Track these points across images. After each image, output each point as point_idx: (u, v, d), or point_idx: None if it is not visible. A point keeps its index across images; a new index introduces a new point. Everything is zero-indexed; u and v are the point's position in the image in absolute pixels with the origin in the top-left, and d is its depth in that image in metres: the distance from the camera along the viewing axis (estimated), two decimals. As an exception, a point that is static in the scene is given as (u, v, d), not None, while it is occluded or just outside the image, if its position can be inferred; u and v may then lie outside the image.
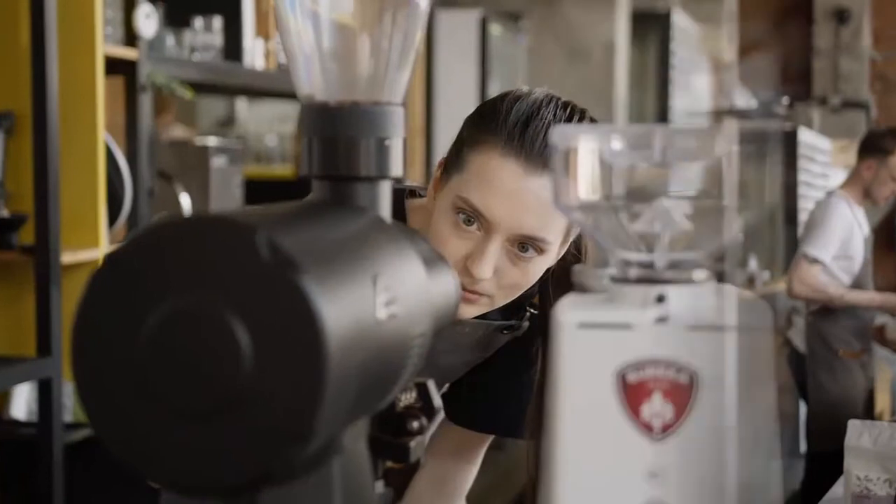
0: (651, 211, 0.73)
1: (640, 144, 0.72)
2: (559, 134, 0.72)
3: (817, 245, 4.11)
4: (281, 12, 0.83)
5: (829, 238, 4.11)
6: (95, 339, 0.64)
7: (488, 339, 1.42)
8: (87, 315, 0.65)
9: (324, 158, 0.81)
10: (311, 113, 0.82)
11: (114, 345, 0.64)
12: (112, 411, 0.64)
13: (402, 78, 0.85)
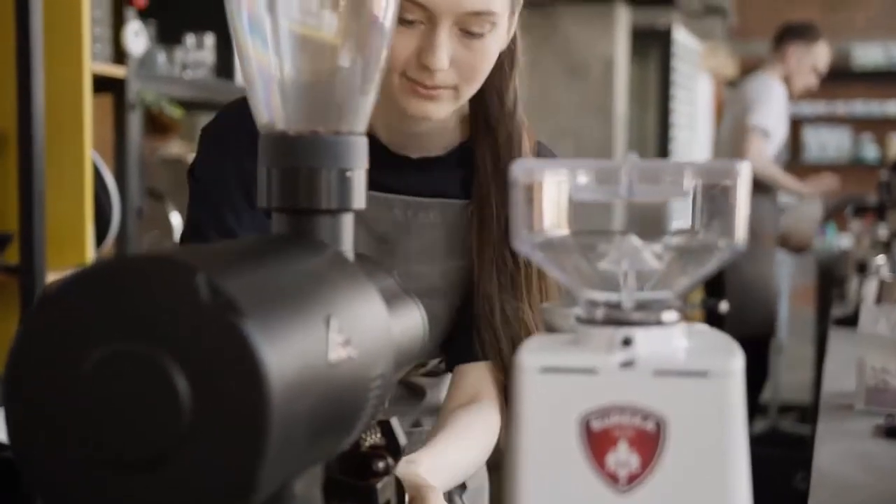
0: (618, 249, 0.70)
1: (606, 179, 0.69)
2: (520, 168, 0.69)
3: (762, 116, 4.13)
4: (239, 37, 0.80)
5: (771, 111, 4.15)
6: (30, 381, 0.61)
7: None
8: (22, 355, 0.61)
9: (283, 190, 0.78)
10: (270, 142, 0.80)
11: (48, 387, 0.61)
12: (43, 455, 0.61)
13: (365, 105, 0.82)
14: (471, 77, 1.22)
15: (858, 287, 3.22)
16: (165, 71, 2.92)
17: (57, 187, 2.46)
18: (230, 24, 0.81)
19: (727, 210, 0.68)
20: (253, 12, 0.79)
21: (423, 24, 1.19)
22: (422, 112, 1.23)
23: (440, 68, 1.19)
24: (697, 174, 0.67)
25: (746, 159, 4.11)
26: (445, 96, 1.23)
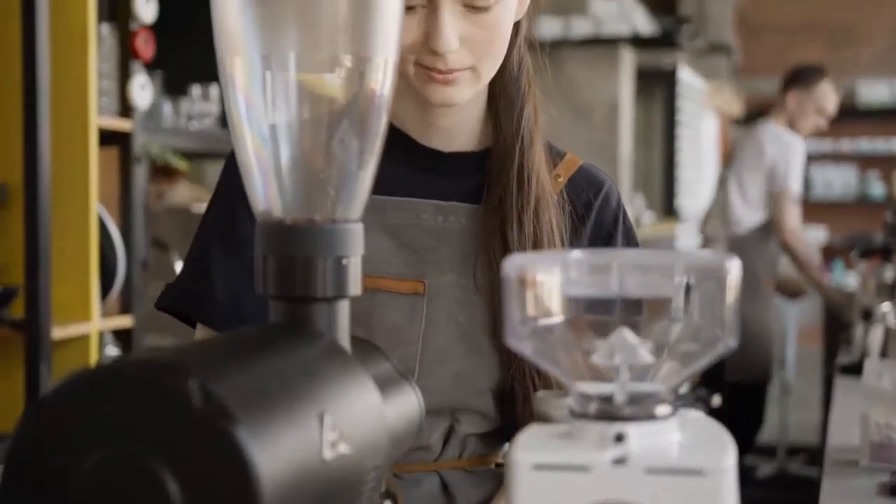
0: (610, 342, 0.70)
1: (597, 274, 0.69)
2: (512, 263, 0.69)
3: (796, 181, 4.16)
4: (235, 125, 0.81)
5: (799, 173, 4.18)
6: (23, 488, 0.61)
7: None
8: (15, 462, 0.62)
9: (279, 278, 0.79)
10: (267, 230, 0.80)
11: (42, 493, 0.61)
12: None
13: (361, 192, 0.82)
14: (485, 53, 1.16)
15: (864, 334, 3.21)
16: (171, 122, 2.94)
17: (62, 241, 2.47)
18: (227, 112, 0.82)
19: (718, 305, 0.68)
20: (249, 102, 0.80)
21: (424, 7, 1.13)
22: (443, 98, 1.17)
23: (449, 50, 1.13)
24: (688, 269, 0.68)
25: (786, 232, 4.13)
26: (464, 78, 1.16)
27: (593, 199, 1.28)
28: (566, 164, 1.30)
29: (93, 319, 2.52)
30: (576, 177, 1.29)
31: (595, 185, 1.30)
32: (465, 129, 1.27)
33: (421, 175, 1.25)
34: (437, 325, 1.20)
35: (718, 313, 0.69)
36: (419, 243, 1.22)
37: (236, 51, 0.79)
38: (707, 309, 0.69)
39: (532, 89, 1.27)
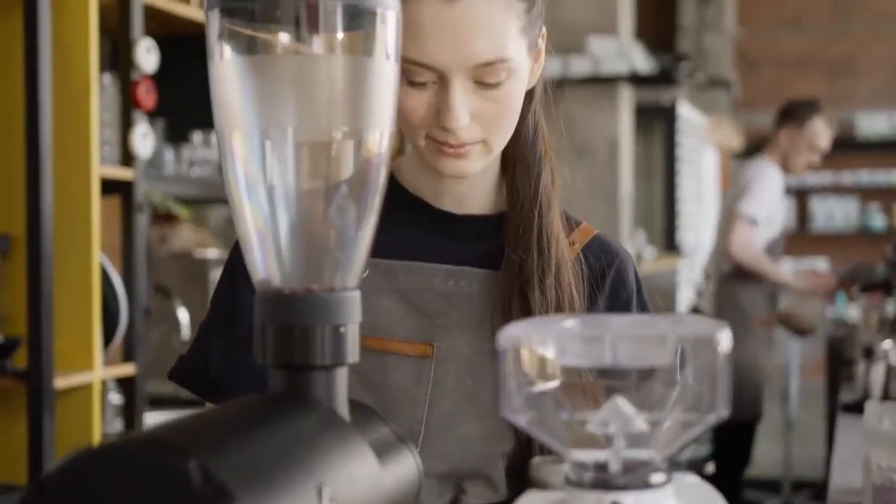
0: (605, 411, 0.71)
1: (590, 344, 0.70)
2: (507, 336, 0.70)
3: (752, 204, 4.15)
4: (234, 196, 0.82)
5: (762, 198, 4.16)
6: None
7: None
8: (18, 541, 0.63)
9: (278, 347, 0.80)
10: (265, 300, 0.81)
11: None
12: None
13: (359, 260, 0.83)
14: (496, 127, 1.17)
15: (866, 371, 3.22)
16: (173, 169, 2.96)
17: (65, 291, 2.48)
18: (225, 183, 0.83)
19: (710, 374, 0.69)
20: (248, 174, 0.81)
21: (435, 83, 1.14)
22: (454, 171, 1.19)
23: (460, 126, 1.14)
24: (680, 340, 0.69)
25: (731, 246, 4.15)
26: (475, 151, 1.18)
27: (608, 269, 1.28)
28: (581, 233, 1.30)
29: (95, 368, 2.53)
30: (591, 245, 1.29)
31: (609, 254, 1.30)
32: (479, 193, 1.27)
33: (434, 238, 1.26)
34: (445, 389, 1.20)
35: (711, 382, 0.70)
36: (430, 307, 1.22)
37: (235, 125, 0.80)
38: (699, 378, 0.70)
39: (549, 154, 1.27)
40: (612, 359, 0.70)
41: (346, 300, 0.81)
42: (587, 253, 1.28)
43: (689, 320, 0.75)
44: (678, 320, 0.74)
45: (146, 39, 2.69)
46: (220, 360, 1.23)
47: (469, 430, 1.20)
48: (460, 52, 1.12)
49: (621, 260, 1.30)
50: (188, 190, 2.98)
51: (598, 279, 1.27)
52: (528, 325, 0.73)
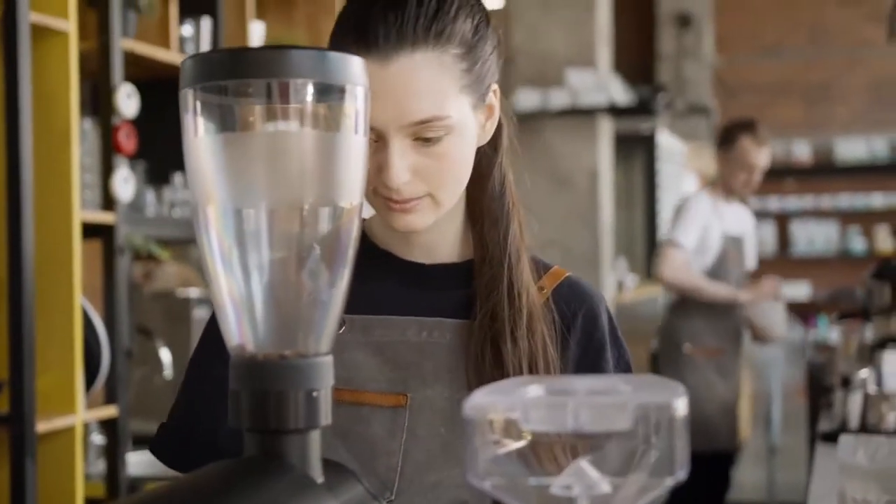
0: (569, 474, 0.73)
1: (553, 412, 0.73)
2: (473, 406, 0.73)
3: (680, 231, 4.18)
4: (208, 264, 0.85)
5: (690, 226, 4.18)
6: None
7: None
8: None
9: (253, 412, 0.83)
10: (240, 366, 0.84)
11: None
12: None
13: (330, 325, 0.86)
14: (441, 183, 1.18)
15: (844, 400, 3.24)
16: (154, 210, 2.98)
17: (47, 334, 2.49)
18: (200, 253, 0.86)
19: (667, 439, 0.72)
20: (222, 245, 0.84)
21: (376, 141, 1.16)
22: (403, 225, 1.20)
23: (399, 182, 1.16)
24: (638, 408, 0.72)
25: (662, 275, 4.19)
26: (423, 205, 1.19)
27: (578, 312, 1.29)
28: (551, 277, 1.31)
29: (77, 411, 2.54)
30: (560, 289, 1.30)
31: (580, 297, 1.30)
32: (446, 242, 1.29)
33: (405, 289, 1.28)
34: (419, 438, 1.22)
35: (668, 446, 0.72)
36: (404, 359, 1.24)
37: (209, 198, 0.83)
38: (658, 442, 0.73)
39: (516, 206, 1.29)
40: (575, 424, 0.72)
41: (319, 365, 0.84)
42: (557, 297, 1.29)
43: (649, 384, 0.77)
44: (639, 385, 0.77)
45: (126, 85, 2.72)
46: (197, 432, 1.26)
47: (441, 477, 1.22)
48: (396, 111, 1.14)
49: (593, 302, 1.31)
50: (170, 231, 3.01)
51: (569, 323, 1.28)
52: (493, 392, 0.76)
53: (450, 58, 1.16)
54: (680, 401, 0.72)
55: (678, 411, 0.72)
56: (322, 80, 0.82)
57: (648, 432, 0.72)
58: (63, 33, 2.53)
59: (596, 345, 1.29)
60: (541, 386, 0.77)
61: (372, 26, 1.14)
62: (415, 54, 1.13)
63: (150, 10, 2.88)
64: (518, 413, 0.73)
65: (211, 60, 0.82)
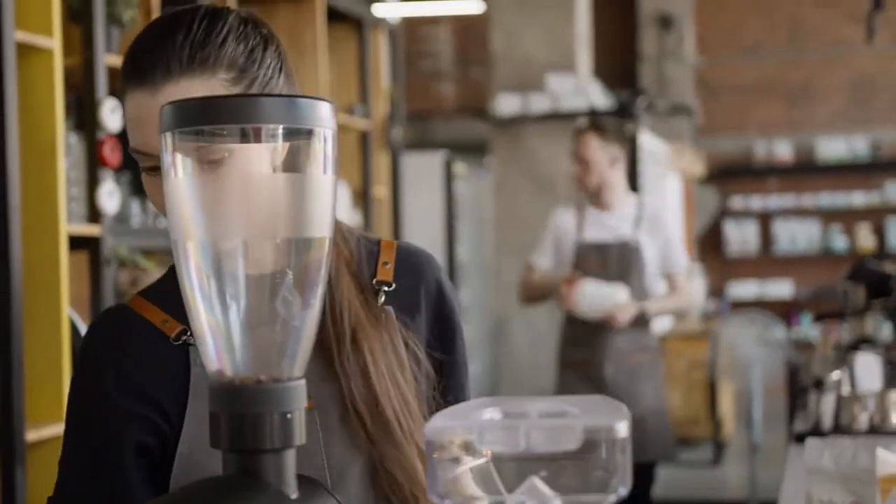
0: (521, 491, 0.80)
1: (507, 434, 0.79)
2: (433, 429, 0.79)
3: (536, 253, 4.19)
4: (188, 295, 0.91)
5: (543, 246, 4.17)
6: None
7: None
8: None
9: (231, 433, 0.89)
10: (219, 390, 0.90)
11: None
12: None
13: (303, 351, 0.92)
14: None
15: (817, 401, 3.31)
16: (139, 221, 3.03)
17: (35, 346, 2.54)
18: (180, 285, 0.92)
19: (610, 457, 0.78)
20: (200, 278, 0.90)
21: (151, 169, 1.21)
22: None
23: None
24: (585, 431, 0.78)
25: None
26: None
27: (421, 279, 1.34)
28: (385, 250, 1.35)
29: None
30: (400, 257, 1.34)
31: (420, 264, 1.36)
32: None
33: None
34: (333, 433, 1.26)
35: (613, 465, 0.79)
36: None
37: (188, 234, 0.89)
38: (603, 461, 0.79)
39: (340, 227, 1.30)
40: (527, 445, 0.79)
41: (293, 388, 0.90)
42: (400, 267, 1.34)
43: (596, 406, 0.84)
44: (586, 407, 0.83)
45: (110, 99, 2.77)
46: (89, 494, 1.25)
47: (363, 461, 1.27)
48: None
49: (434, 268, 1.37)
50: (155, 241, 3.06)
51: (417, 292, 1.34)
52: (451, 416, 0.82)
53: (218, 82, 1.19)
54: (623, 423, 0.78)
55: (621, 433, 0.78)
56: (291, 125, 0.88)
57: (596, 452, 0.79)
58: (48, 50, 2.59)
59: (447, 309, 1.35)
60: (497, 409, 0.83)
61: (141, 58, 1.18)
62: (181, 81, 1.18)
63: (132, 26, 2.93)
64: (474, 435, 0.79)
65: (189, 107, 0.88)
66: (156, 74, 1.17)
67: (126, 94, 1.20)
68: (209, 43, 1.19)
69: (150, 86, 1.17)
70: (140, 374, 1.25)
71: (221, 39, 1.20)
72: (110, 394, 1.24)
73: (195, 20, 1.19)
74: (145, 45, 1.19)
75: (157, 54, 1.17)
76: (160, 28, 1.20)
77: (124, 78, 1.20)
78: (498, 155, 5.45)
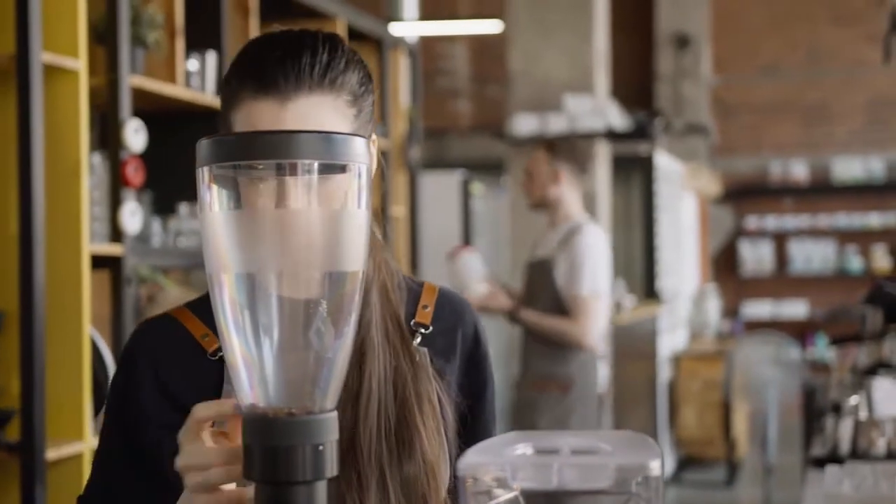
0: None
1: (539, 471, 0.80)
2: (465, 465, 0.80)
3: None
4: (223, 329, 0.92)
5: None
6: None
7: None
8: None
9: (263, 465, 0.90)
10: (252, 422, 0.91)
11: None
12: None
13: (335, 383, 0.93)
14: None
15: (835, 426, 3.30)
16: (160, 240, 3.05)
17: (56, 365, 2.56)
18: (215, 318, 0.93)
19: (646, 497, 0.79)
20: (235, 309, 0.91)
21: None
22: None
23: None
24: (618, 469, 0.79)
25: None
26: None
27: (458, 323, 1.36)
28: (427, 293, 1.37)
29: (86, 439, 2.61)
30: (440, 302, 1.36)
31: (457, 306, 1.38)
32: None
33: None
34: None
35: (646, 501, 0.79)
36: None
37: (223, 267, 0.91)
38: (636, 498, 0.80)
39: (376, 253, 1.32)
40: (559, 482, 0.80)
41: (325, 421, 0.91)
42: (439, 310, 1.35)
43: (628, 443, 0.84)
44: (618, 444, 0.84)
45: (134, 120, 2.80)
46: (123, 488, 1.28)
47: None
48: None
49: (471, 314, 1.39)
50: (176, 261, 3.08)
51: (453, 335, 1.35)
52: (483, 452, 0.83)
53: (342, 103, 1.22)
54: (656, 461, 0.79)
55: (654, 471, 0.78)
56: (327, 160, 0.90)
57: (629, 490, 0.79)
58: (74, 71, 2.61)
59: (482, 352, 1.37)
60: (528, 444, 0.84)
61: (271, 69, 1.19)
62: (311, 97, 1.20)
63: (157, 47, 2.95)
64: (507, 471, 0.80)
65: (226, 142, 0.90)
66: (288, 85, 1.19)
67: (242, 101, 1.21)
68: (335, 66, 1.22)
69: (280, 95, 1.19)
70: (175, 385, 1.26)
71: (344, 65, 1.23)
72: (147, 402, 1.27)
73: (318, 42, 1.22)
74: (273, 56, 1.20)
75: (289, 66, 1.19)
76: (285, 43, 1.22)
77: (241, 84, 1.21)
78: (515, 175, 5.45)
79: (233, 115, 1.22)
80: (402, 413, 1.26)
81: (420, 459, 1.24)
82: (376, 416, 1.25)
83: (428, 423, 1.26)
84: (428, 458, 1.24)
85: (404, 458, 1.24)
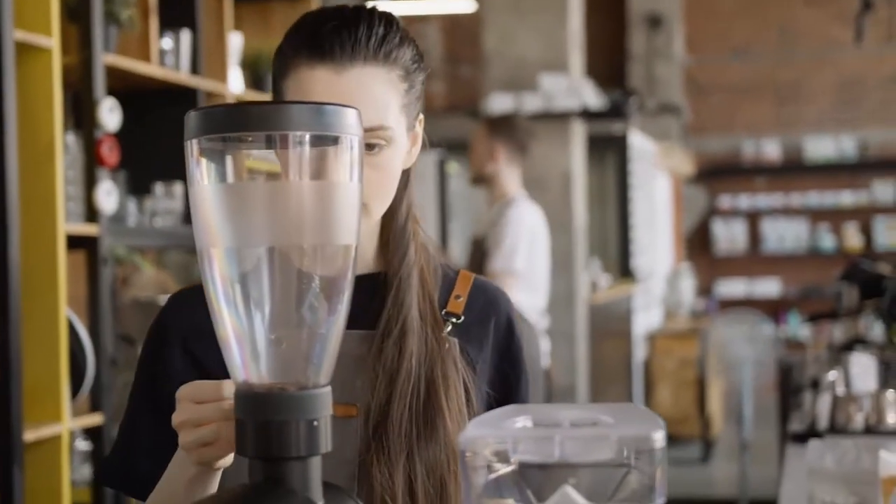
0: (554, 499, 0.80)
1: (541, 444, 0.79)
2: (466, 439, 0.79)
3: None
4: (213, 304, 0.90)
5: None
6: None
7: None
8: None
9: (257, 441, 0.88)
10: (244, 398, 0.90)
11: None
12: None
13: (329, 358, 0.92)
14: (376, 194, 1.24)
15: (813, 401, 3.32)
16: (136, 220, 3.02)
17: (33, 346, 2.53)
18: (206, 294, 0.91)
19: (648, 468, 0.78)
20: (226, 284, 0.90)
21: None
22: None
23: None
24: (620, 441, 0.78)
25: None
26: None
27: (491, 314, 1.36)
28: (461, 282, 1.36)
29: (63, 420, 2.59)
30: (474, 292, 1.36)
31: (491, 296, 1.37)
32: (362, 255, 1.30)
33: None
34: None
35: (648, 475, 0.79)
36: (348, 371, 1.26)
37: (213, 241, 0.89)
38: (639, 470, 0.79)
39: (417, 236, 1.33)
40: (561, 455, 0.79)
41: (319, 396, 0.90)
42: (472, 302, 1.35)
43: (629, 415, 0.83)
44: (620, 416, 0.83)
45: (109, 99, 2.76)
46: (148, 455, 1.27)
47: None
48: None
49: (504, 300, 1.38)
50: (151, 240, 3.05)
51: (487, 325, 1.35)
52: (483, 425, 0.82)
53: (395, 76, 1.24)
54: (659, 433, 0.78)
55: (657, 442, 0.78)
56: (318, 132, 0.88)
57: (629, 462, 0.78)
58: (46, 49, 2.57)
59: (514, 348, 1.36)
60: (529, 419, 0.83)
61: (327, 39, 1.21)
62: (366, 67, 1.22)
63: (130, 25, 2.92)
64: (508, 444, 0.79)
65: (214, 114, 0.88)
66: (344, 55, 1.21)
67: (297, 69, 1.22)
68: (390, 40, 1.24)
69: (335, 64, 1.21)
70: (203, 354, 1.26)
71: (398, 40, 1.25)
72: (174, 371, 1.27)
73: (374, 16, 1.24)
74: (330, 25, 1.22)
75: (345, 36, 1.21)
76: (342, 16, 1.23)
77: (296, 53, 1.22)
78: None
79: (285, 84, 1.24)
80: (429, 395, 1.26)
81: (443, 442, 1.24)
82: (409, 395, 1.25)
83: (452, 407, 1.26)
84: (450, 442, 1.24)
85: (429, 439, 1.24)
